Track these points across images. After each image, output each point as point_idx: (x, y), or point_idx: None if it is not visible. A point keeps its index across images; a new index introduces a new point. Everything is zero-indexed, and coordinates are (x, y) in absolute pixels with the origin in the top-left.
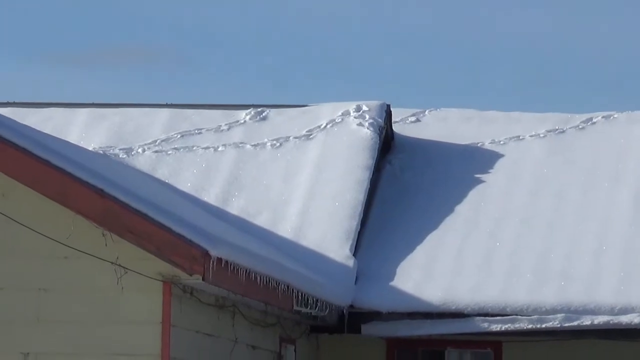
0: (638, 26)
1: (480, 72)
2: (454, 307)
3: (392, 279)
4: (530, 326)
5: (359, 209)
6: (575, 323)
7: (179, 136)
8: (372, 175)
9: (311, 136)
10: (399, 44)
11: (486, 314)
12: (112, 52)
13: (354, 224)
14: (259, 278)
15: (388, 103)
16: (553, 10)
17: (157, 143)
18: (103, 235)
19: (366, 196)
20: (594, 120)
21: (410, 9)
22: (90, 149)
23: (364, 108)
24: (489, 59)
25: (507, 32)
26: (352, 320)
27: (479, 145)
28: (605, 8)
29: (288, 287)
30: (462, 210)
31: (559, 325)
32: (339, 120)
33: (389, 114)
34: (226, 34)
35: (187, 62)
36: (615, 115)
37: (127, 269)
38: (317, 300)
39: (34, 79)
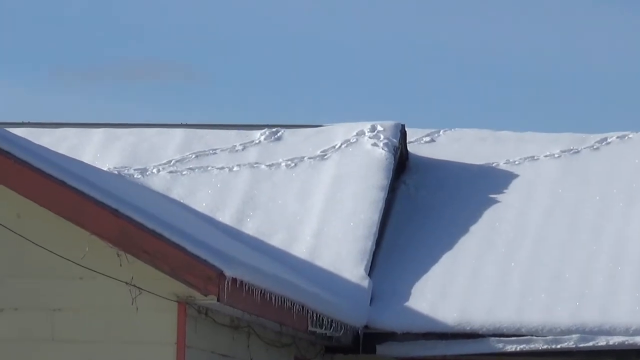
0: None
1: (494, 92)
2: (468, 328)
3: (407, 299)
4: (545, 347)
5: (374, 229)
6: (591, 343)
7: (193, 156)
8: (387, 195)
9: (326, 156)
10: (414, 64)
11: (501, 335)
12: (125, 70)
13: (368, 244)
14: (274, 298)
15: (403, 123)
16: (566, 30)
17: (171, 163)
18: (118, 255)
19: (381, 216)
20: (609, 140)
21: (425, 30)
22: (105, 169)
23: (379, 128)
24: (503, 78)
25: (522, 51)
26: (367, 340)
27: (493, 165)
28: (619, 27)
29: (303, 307)
30: (477, 230)
31: (574, 346)
32: (354, 140)
33: (403, 134)
34: (240, 50)
35: (200, 79)
36: (630, 136)
37: (142, 289)
38: (332, 321)
39: (48, 98)
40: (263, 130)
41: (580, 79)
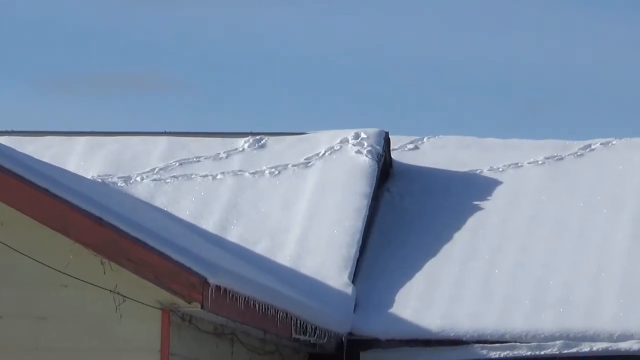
0: (634, 52)
1: (477, 99)
2: (452, 334)
3: (390, 306)
4: (529, 353)
5: (358, 236)
6: (574, 350)
7: (177, 164)
8: (371, 203)
9: (310, 164)
10: (397, 72)
11: (485, 341)
12: (107, 79)
13: (352, 251)
14: (257, 306)
15: (386, 130)
16: (550, 38)
17: (155, 171)
18: (102, 263)
19: (365, 223)
20: (593, 147)
21: (408, 37)
22: (88, 177)
23: (363, 135)
24: (486, 86)
25: (505, 59)
26: (350, 347)
27: (477, 172)
28: (601, 35)
29: (287, 314)
30: (461, 237)
31: (557, 352)
32: (338, 147)
33: (387, 142)
34: (222, 59)
35: (183, 89)
36: (614, 142)
37: (125, 297)
38: (315, 328)
39: (31, 106)
40: (247, 138)
41: (563, 86)
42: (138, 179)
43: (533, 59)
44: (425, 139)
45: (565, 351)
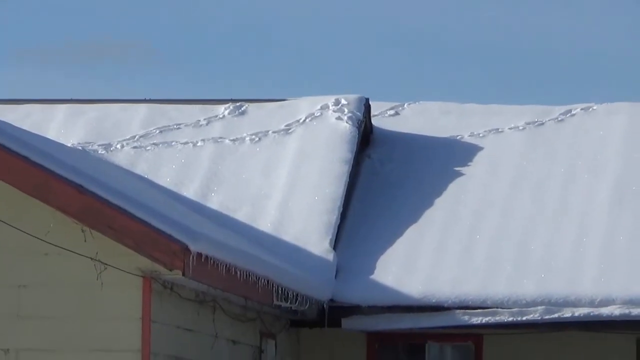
0: (615, 18)
1: (458, 65)
2: (434, 301)
3: (372, 272)
4: (510, 319)
5: (339, 202)
6: (556, 315)
7: (157, 132)
8: (352, 169)
9: (290, 130)
10: (376, 38)
11: (467, 307)
12: (87, 48)
13: (333, 217)
14: (239, 273)
15: (367, 97)
16: (530, 2)
17: (135, 139)
18: (82, 231)
19: (345, 190)
20: (573, 112)
21: (387, 3)
22: (69, 145)
23: (343, 102)
24: (467, 51)
25: (485, 24)
26: (332, 314)
27: (458, 138)
28: (582, 1)
29: (268, 281)
30: (442, 203)
31: (539, 318)
32: (318, 114)
33: (367, 108)
34: (202, 28)
35: (163, 57)
36: (594, 107)
37: (106, 264)
38: (297, 295)
39: (10, 76)
40: (227, 105)
41: (544, 51)
42: (118, 146)
43: (513, 23)
44: (405, 105)
45: (547, 317)
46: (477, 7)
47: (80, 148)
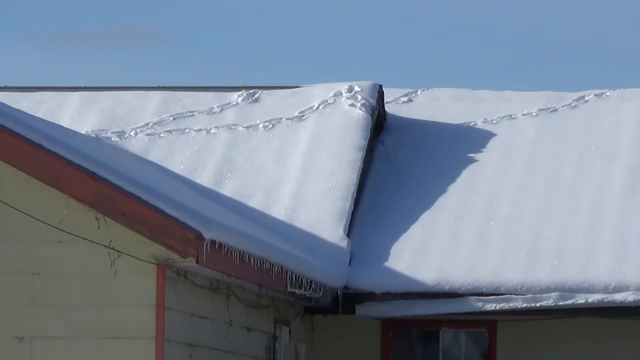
0: (629, 4)
1: (471, 52)
2: (448, 287)
3: (385, 259)
4: (524, 305)
5: (352, 189)
6: (570, 302)
7: (171, 119)
8: (365, 156)
9: (303, 117)
10: (389, 25)
11: (480, 294)
12: (100, 35)
13: (347, 204)
14: (252, 260)
15: (380, 83)
16: None
17: (149, 126)
18: (96, 218)
19: (359, 177)
20: (586, 98)
21: None
22: (82, 132)
23: (356, 88)
24: (480, 38)
25: (497, 9)
26: (346, 301)
27: (471, 124)
28: None
29: (282, 268)
30: (455, 189)
31: (553, 304)
32: (331, 101)
33: (381, 94)
34: (216, 15)
35: (177, 43)
36: (608, 93)
37: (120, 252)
38: (311, 282)
39: (25, 62)
40: (240, 92)
41: (557, 37)
42: (132, 133)
43: (527, 10)
44: (418, 92)
45: (561, 303)
46: None
47: (93, 135)
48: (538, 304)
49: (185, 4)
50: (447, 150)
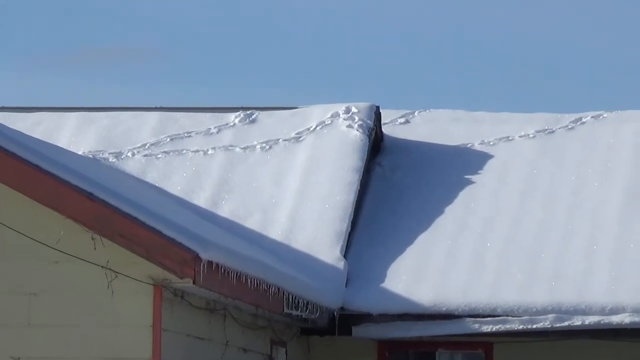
0: (626, 25)
1: (468, 73)
2: (444, 309)
3: (382, 280)
4: (521, 327)
5: (349, 210)
6: (566, 323)
7: (168, 139)
8: (362, 177)
9: (301, 138)
10: (387, 46)
11: (477, 315)
12: (98, 55)
13: (344, 225)
14: (249, 281)
15: (377, 105)
16: (541, 11)
17: (146, 147)
18: (93, 239)
19: (356, 198)
20: (584, 120)
21: (397, 11)
22: (79, 153)
23: (354, 110)
24: (477, 59)
25: (495, 32)
26: (342, 322)
27: (468, 146)
28: (593, 8)
29: (279, 289)
30: (453, 211)
31: (549, 326)
32: (329, 122)
33: (378, 116)
34: (214, 34)
35: (175, 63)
36: (605, 115)
37: (117, 272)
38: (307, 303)
39: (23, 82)
40: (237, 113)
41: (554, 59)
42: (129, 154)
43: (524, 31)
44: (416, 113)
45: (558, 325)
46: (487, 15)
47: (91, 156)
48: (534, 326)
49: (184, 25)
50: (444, 172)
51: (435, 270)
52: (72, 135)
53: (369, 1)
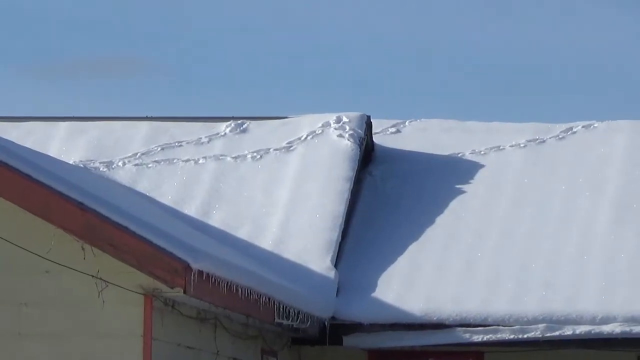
0: (616, 34)
1: (459, 83)
2: (435, 318)
3: (373, 290)
4: (512, 336)
5: (340, 220)
6: (557, 333)
7: (159, 149)
8: (353, 187)
9: (291, 148)
10: (378, 56)
11: (468, 325)
12: (88, 65)
13: (334, 235)
14: (240, 290)
15: (368, 114)
16: (531, 21)
17: (137, 156)
18: (83, 248)
19: (347, 207)
20: (574, 129)
21: (388, 22)
22: (70, 162)
23: (344, 119)
24: (468, 69)
25: (486, 42)
26: (333, 332)
27: (459, 155)
28: (583, 17)
29: (269, 299)
30: (443, 220)
31: (540, 336)
32: (320, 131)
33: (369, 125)
34: (204, 45)
35: (165, 74)
36: (595, 125)
37: (108, 282)
38: (298, 312)
39: (13, 92)
40: (228, 123)
41: (545, 69)
42: (120, 164)
43: (515, 41)
44: (407, 123)
45: (548, 334)
46: (477, 25)
47: (81, 166)
48: (525, 336)
49: (174, 35)
50: (435, 181)
51: (426, 280)
52: (63, 144)
53: (360, 11)
